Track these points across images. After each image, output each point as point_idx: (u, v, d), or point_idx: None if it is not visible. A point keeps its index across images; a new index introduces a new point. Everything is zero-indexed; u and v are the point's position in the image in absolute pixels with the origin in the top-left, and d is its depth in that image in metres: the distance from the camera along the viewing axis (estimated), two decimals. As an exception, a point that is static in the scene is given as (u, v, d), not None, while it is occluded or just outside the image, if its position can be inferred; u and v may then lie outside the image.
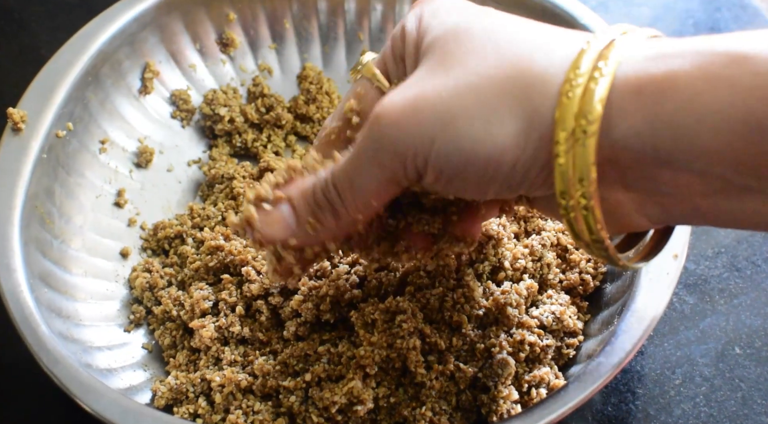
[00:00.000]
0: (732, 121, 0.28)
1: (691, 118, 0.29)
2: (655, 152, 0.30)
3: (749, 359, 0.52)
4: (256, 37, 0.63)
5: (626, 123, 0.30)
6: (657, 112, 0.30)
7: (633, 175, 0.32)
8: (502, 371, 0.44)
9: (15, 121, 0.51)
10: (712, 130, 0.29)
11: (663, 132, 0.30)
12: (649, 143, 0.30)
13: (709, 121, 0.29)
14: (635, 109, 0.30)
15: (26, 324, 0.45)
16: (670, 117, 0.29)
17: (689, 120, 0.29)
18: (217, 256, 0.51)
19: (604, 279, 0.50)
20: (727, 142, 0.29)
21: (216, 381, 0.46)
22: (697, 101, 0.29)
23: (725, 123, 0.28)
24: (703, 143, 0.29)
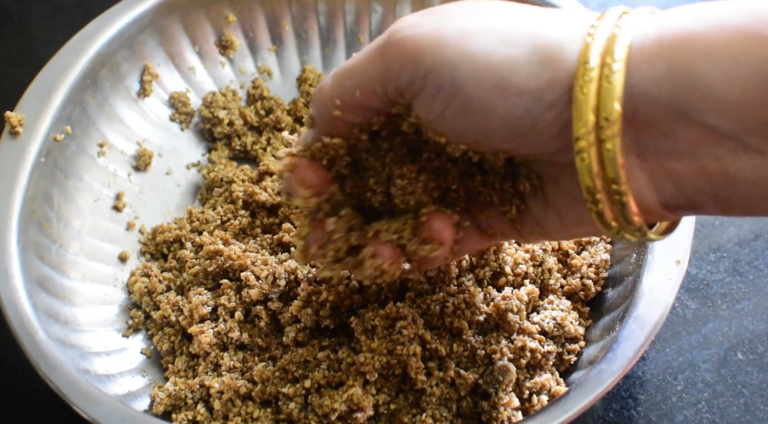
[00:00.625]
0: (747, 69, 0.28)
1: (708, 65, 0.29)
2: (672, 100, 0.30)
3: (752, 364, 0.51)
4: (255, 40, 0.63)
5: (646, 68, 0.30)
6: (676, 57, 0.30)
7: (649, 134, 0.31)
8: (503, 377, 0.44)
9: (12, 124, 0.51)
10: (727, 76, 0.29)
11: (681, 77, 0.30)
12: (667, 90, 0.30)
13: (724, 67, 0.29)
14: (655, 56, 0.30)
15: (24, 330, 0.45)
16: (688, 62, 0.29)
17: (706, 66, 0.29)
18: (216, 261, 0.51)
19: (606, 284, 0.50)
20: (741, 91, 0.29)
21: (215, 387, 0.46)
22: (715, 48, 0.29)
23: (740, 70, 0.29)
24: (718, 90, 0.29)
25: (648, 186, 0.33)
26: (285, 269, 0.48)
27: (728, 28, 0.29)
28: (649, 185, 0.33)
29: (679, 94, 0.30)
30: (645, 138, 0.32)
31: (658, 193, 0.33)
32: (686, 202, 0.33)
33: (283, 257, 0.51)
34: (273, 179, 0.56)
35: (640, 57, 0.30)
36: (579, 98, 0.31)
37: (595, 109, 0.31)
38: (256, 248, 0.52)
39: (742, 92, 0.29)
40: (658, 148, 0.32)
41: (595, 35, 0.31)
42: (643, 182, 0.33)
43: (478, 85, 0.32)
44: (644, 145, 0.32)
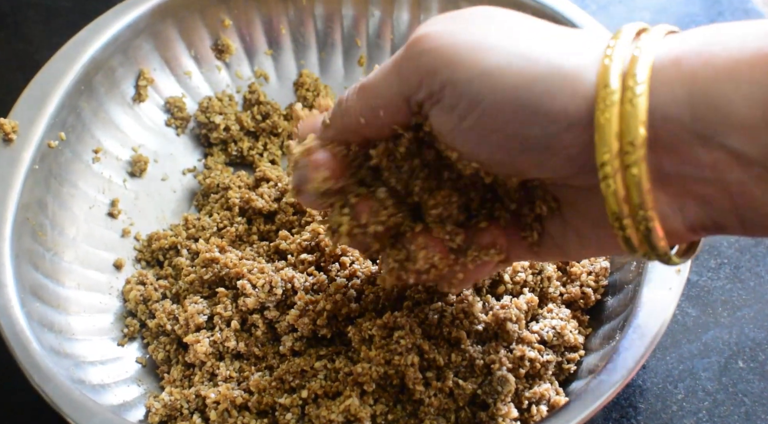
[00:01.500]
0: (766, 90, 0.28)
1: (728, 87, 0.29)
2: (693, 123, 0.29)
3: (753, 372, 0.51)
4: (252, 44, 0.62)
5: (666, 90, 0.30)
6: (696, 78, 0.29)
7: (671, 159, 0.31)
8: (501, 388, 0.43)
9: (6, 131, 0.50)
10: (749, 100, 0.28)
11: (701, 100, 0.29)
12: (688, 113, 0.29)
13: (745, 90, 0.28)
14: (674, 78, 0.30)
15: (17, 340, 0.44)
16: (708, 85, 0.29)
17: (727, 89, 0.29)
18: (212, 268, 0.50)
19: (606, 292, 0.49)
20: (763, 115, 0.28)
21: (211, 398, 0.45)
22: (735, 71, 0.29)
23: (761, 93, 0.28)
24: (740, 114, 0.28)
25: (672, 209, 0.32)
26: (282, 277, 0.48)
27: (747, 50, 0.29)
28: (674, 208, 0.32)
29: (700, 117, 0.29)
30: (667, 162, 0.31)
31: (683, 216, 0.32)
32: (712, 224, 0.32)
33: (279, 265, 0.50)
34: (269, 186, 0.55)
35: (659, 79, 0.30)
36: (601, 123, 0.30)
37: (619, 134, 0.30)
38: (253, 256, 0.52)
39: (764, 116, 0.28)
40: (681, 172, 0.31)
41: (613, 56, 0.31)
42: (667, 205, 0.32)
43: (494, 102, 0.32)
44: (667, 170, 0.31)
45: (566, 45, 0.32)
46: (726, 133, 0.29)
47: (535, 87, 0.31)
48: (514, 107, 0.32)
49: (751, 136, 0.29)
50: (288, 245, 0.51)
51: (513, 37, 0.33)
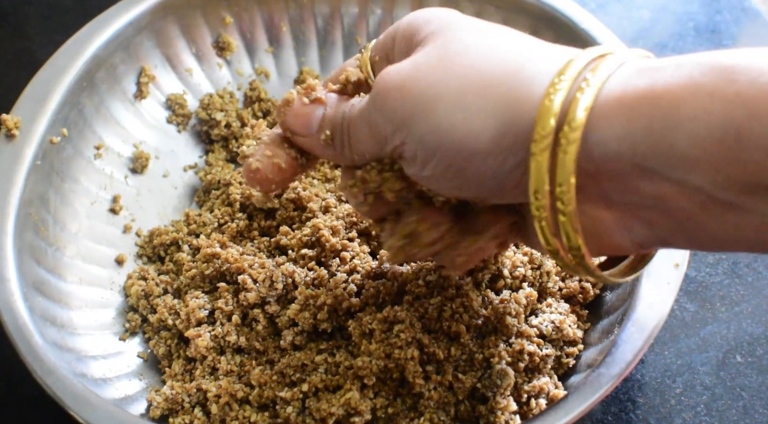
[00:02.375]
0: (710, 128, 0.28)
1: (669, 123, 0.29)
2: (633, 158, 0.30)
3: (751, 367, 0.51)
4: (252, 41, 0.63)
5: (607, 126, 0.30)
6: (636, 116, 0.30)
7: (614, 188, 0.32)
8: (501, 381, 0.44)
9: (9, 127, 0.51)
10: (690, 136, 0.29)
11: (642, 137, 0.30)
12: (628, 149, 0.30)
13: (687, 127, 0.29)
14: (616, 115, 0.30)
15: (20, 334, 0.44)
16: (649, 122, 0.29)
17: (668, 124, 0.29)
18: (213, 264, 0.51)
19: (604, 287, 0.50)
20: (704, 149, 0.28)
21: (212, 391, 0.46)
22: (676, 108, 0.29)
23: (703, 129, 0.28)
24: (681, 149, 0.29)
25: (619, 228, 0.34)
26: (282, 272, 0.48)
27: (691, 85, 0.29)
28: (621, 228, 0.34)
29: (641, 153, 0.30)
30: (610, 192, 0.32)
31: (631, 235, 0.34)
32: (659, 241, 0.34)
33: (280, 260, 0.50)
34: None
35: (600, 114, 0.30)
36: (533, 166, 0.32)
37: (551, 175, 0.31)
38: (254, 251, 0.52)
39: (705, 150, 0.28)
40: (625, 200, 0.32)
41: (555, 96, 0.31)
42: (614, 224, 0.34)
43: (446, 154, 0.34)
44: (611, 198, 0.33)
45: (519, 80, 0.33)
46: (669, 167, 0.30)
47: (482, 137, 0.33)
48: (464, 157, 0.33)
49: (695, 169, 0.29)
50: (288, 240, 0.52)
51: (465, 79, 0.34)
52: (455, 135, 0.33)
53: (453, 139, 0.33)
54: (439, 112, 0.34)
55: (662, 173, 0.30)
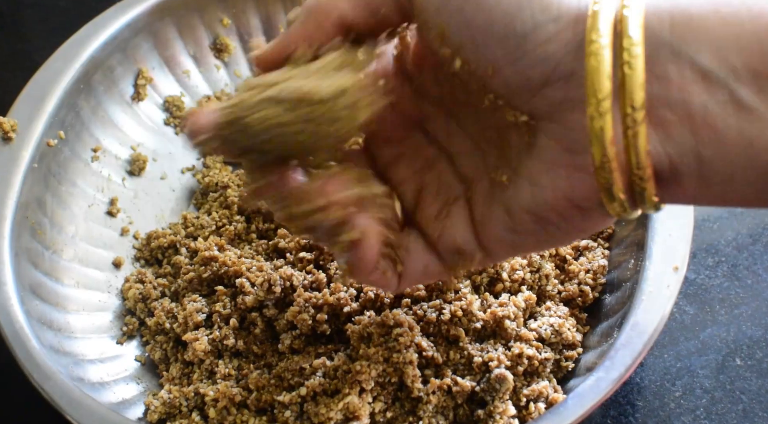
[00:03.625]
0: (742, 14, 0.29)
1: (707, 6, 0.29)
2: (671, 36, 0.30)
3: (750, 370, 0.51)
4: (250, 42, 0.63)
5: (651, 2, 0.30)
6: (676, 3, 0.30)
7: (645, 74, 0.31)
8: (500, 385, 0.44)
9: (5, 130, 0.50)
10: (723, 20, 0.29)
11: (681, 15, 0.30)
12: (667, 25, 0.30)
13: (723, 10, 0.29)
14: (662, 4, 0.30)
15: (16, 338, 0.44)
16: (687, 2, 0.30)
17: (706, 6, 0.29)
18: (211, 267, 0.50)
19: (604, 290, 0.49)
20: (735, 35, 0.29)
21: (210, 395, 0.45)
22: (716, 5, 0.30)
23: (735, 17, 0.29)
24: (712, 31, 0.29)
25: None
26: (280, 275, 0.48)
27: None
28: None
29: (677, 31, 0.30)
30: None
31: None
32: (668, 166, 0.31)
33: (278, 264, 0.50)
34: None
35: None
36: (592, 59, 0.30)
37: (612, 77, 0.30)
38: (252, 254, 0.52)
39: (736, 37, 0.29)
40: (650, 93, 0.30)
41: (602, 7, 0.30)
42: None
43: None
44: None
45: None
46: (697, 48, 0.29)
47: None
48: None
49: (720, 54, 0.29)
50: (287, 243, 0.51)
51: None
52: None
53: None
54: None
55: (689, 56, 0.29)
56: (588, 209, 0.34)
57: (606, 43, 0.30)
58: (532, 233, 0.36)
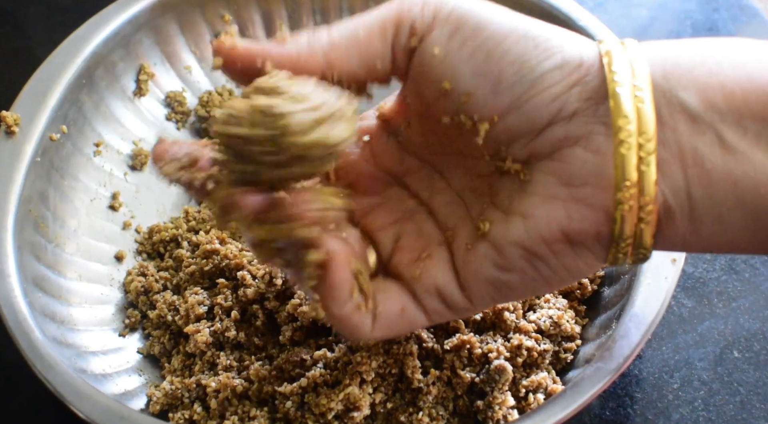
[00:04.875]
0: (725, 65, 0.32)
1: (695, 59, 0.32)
2: (663, 80, 0.32)
3: (748, 362, 0.51)
4: (251, 38, 0.63)
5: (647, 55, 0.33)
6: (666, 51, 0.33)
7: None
8: (499, 377, 0.44)
9: (8, 124, 0.51)
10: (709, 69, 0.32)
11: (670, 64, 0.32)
12: (659, 70, 0.32)
13: (709, 62, 0.32)
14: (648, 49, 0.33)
15: (20, 329, 0.45)
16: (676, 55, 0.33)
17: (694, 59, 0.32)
18: (213, 260, 0.51)
19: (602, 283, 0.50)
20: (720, 82, 0.31)
21: (211, 386, 0.46)
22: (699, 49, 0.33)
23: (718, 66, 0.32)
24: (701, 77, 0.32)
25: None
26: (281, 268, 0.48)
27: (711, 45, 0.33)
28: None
29: (668, 77, 0.32)
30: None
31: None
32: (663, 203, 0.32)
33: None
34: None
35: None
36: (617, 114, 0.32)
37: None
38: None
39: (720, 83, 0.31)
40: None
41: (613, 49, 0.33)
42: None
43: (499, 29, 0.33)
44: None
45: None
46: (686, 93, 0.32)
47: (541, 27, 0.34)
48: (516, 36, 0.33)
49: (706, 99, 0.31)
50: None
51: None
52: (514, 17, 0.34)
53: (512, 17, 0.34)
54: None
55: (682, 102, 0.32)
56: (581, 246, 0.34)
57: (627, 75, 0.32)
58: (519, 270, 0.35)
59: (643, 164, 0.32)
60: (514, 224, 0.35)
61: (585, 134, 0.33)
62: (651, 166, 0.32)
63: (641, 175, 0.32)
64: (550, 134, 0.33)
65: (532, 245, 0.34)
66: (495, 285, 0.36)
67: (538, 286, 0.36)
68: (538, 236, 0.34)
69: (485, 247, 0.36)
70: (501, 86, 0.33)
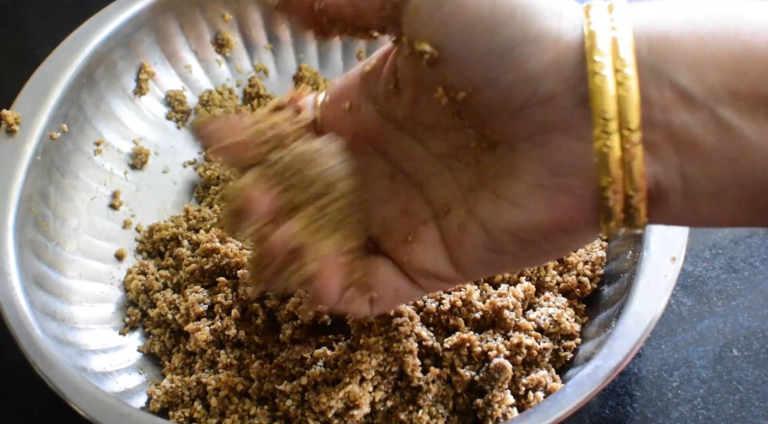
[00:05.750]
0: (719, 34, 0.29)
1: (685, 27, 0.30)
2: (649, 56, 0.30)
3: (747, 361, 0.52)
4: (251, 38, 0.63)
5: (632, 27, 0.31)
6: (657, 21, 0.30)
7: None
8: (499, 375, 0.44)
9: (9, 123, 0.51)
10: (701, 41, 0.29)
11: (659, 37, 0.30)
12: (645, 46, 0.30)
13: (700, 31, 0.29)
14: (635, 19, 0.31)
15: (21, 328, 0.45)
16: (665, 23, 0.30)
17: (684, 28, 0.30)
18: (213, 258, 0.51)
19: (602, 281, 0.50)
20: (712, 56, 0.29)
21: (212, 385, 0.46)
22: (691, 14, 0.30)
23: (712, 40, 0.29)
24: (692, 52, 0.29)
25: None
26: (281, 266, 0.48)
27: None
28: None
29: (656, 51, 0.30)
30: None
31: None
32: (655, 185, 0.31)
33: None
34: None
35: (627, 22, 0.31)
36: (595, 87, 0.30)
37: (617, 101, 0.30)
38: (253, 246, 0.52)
39: (713, 56, 0.29)
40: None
41: (598, 28, 0.31)
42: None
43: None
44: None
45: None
46: (676, 68, 0.29)
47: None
48: (493, 6, 0.31)
49: (698, 75, 0.29)
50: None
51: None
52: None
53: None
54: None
55: (669, 77, 0.30)
56: (571, 231, 0.33)
57: (608, 63, 0.30)
58: (511, 253, 0.35)
59: (627, 155, 0.30)
60: (503, 211, 0.34)
61: (565, 119, 0.31)
62: (637, 158, 0.30)
63: (626, 167, 0.30)
64: (529, 116, 0.32)
65: (522, 233, 0.34)
66: (488, 264, 0.36)
67: (532, 262, 0.37)
68: (528, 225, 0.33)
69: (476, 229, 0.35)
70: (472, 56, 0.32)
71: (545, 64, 0.31)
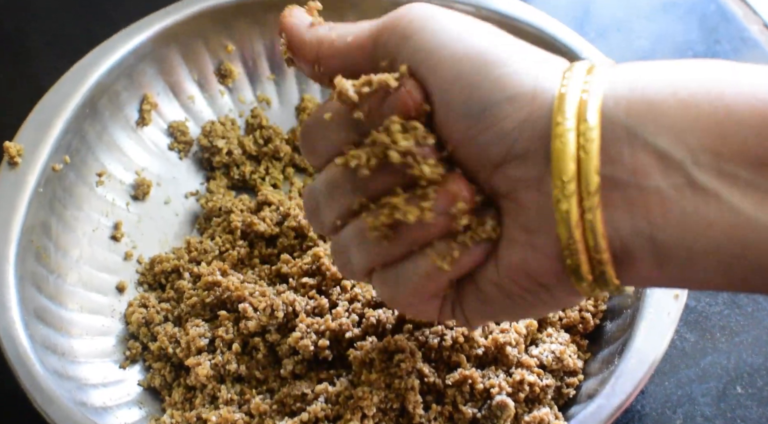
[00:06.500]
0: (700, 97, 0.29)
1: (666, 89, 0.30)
2: (627, 118, 0.30)
3: (751, 398, 0.51)
4: (254, 69, 0.63)
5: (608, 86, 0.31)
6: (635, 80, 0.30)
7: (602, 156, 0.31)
8: (501, 412, 0.44)
9: (11, 155, 0.51)
10: (682, 104, 0.29)
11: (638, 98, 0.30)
12: (624, 108, 0.30)
13: (681, 93, 0.29)
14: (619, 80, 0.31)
15: (20, 362, 0.44)
16: (645, 85, 0.30)
17: (664, 90, 0.30)
18: (214, 292, 0.51)
19: (605, 317, 0.50)
20: (694, 118, 0.29)
21: (212, 421, 0.45)
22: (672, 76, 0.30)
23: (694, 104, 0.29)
24: (672, 114, 0.29)
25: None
26: (283, 300, 0.48)
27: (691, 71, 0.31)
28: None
29: (634, 113, 0.30)
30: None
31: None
32: (620, 246, 0.31)
33: (281, 289, 0.50)
34: (271, 210, 0.56)
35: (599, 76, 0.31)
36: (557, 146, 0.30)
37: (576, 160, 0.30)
38: (254, 279, 0.52)
39: (695, 119, 0.29)
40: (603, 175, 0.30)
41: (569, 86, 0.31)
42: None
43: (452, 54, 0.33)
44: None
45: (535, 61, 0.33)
46: (654, 130, 0.29)
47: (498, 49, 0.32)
48: (470, 62, 0.32)
49: (677, 137, 0.29)
50: (289, 268, 0.52)
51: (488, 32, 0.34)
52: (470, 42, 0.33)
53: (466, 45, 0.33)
54: (465, 29, 0.34)
55: (646, 139, 0.29)
56: (550, 286, 0.34)
57: (571, 126, 0.30)
58: (500, 304, 0.36)
59: (587, 215, 0.30)
60: (487, 262, 0.35)
61: (538, 177, 0.31)
62: (597, 220, 0.30)
63: (586, 229, 0.30)
64: (507, 172, 0.32)
65: (503, 284, 0.34)
66: (484, 315, 0.37)
67: (524, 315, 0.38)
68: (506, 277, 0.34)
69: (469, 282, 0.36)
70: (452, 114, 0.33)
71: (520, 121, 0.31)
